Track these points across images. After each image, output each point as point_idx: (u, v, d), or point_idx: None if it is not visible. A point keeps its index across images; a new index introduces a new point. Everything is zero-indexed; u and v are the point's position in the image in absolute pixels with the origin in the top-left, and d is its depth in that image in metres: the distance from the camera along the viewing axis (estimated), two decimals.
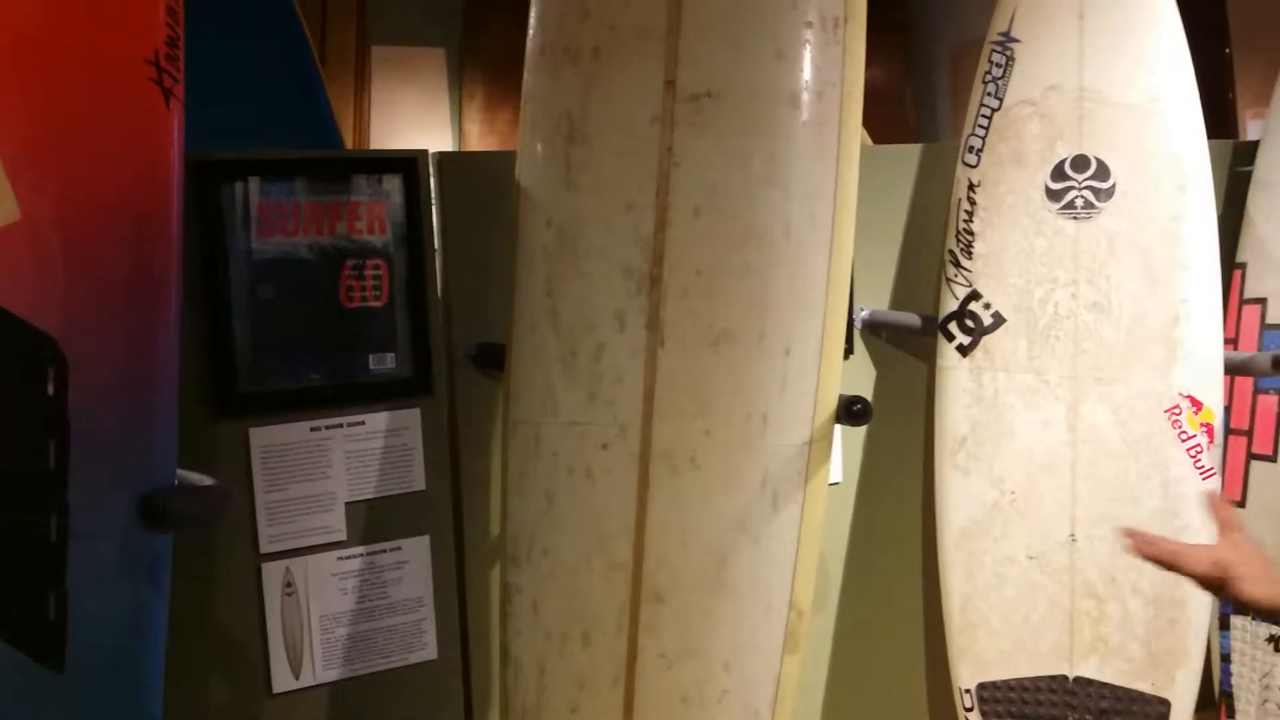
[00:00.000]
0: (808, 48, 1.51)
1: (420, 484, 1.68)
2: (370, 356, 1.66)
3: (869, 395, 2.12)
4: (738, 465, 1.53)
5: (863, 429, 2.12)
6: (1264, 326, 2.19)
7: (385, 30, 4.24)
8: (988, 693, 1.85)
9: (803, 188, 1.52)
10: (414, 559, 1.69)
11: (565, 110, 1.60)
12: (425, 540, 1.69)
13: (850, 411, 1.53)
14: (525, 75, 1.65)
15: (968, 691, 1.86)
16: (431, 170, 1.71)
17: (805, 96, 1.52)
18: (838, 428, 1.87)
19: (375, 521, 1.66)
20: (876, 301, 2.11)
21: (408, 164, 1.67)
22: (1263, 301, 2.20)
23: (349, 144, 4.04)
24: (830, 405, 1.54)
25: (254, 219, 1.57)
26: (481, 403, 1.75)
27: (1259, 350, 2.14)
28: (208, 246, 1.53)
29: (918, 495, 2.13)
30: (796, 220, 1.52)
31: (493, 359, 1.68)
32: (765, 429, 1.52)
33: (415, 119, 4.27)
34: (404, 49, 4.32)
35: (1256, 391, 2.20)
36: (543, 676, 1.58)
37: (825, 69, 1.52)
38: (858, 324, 2.07)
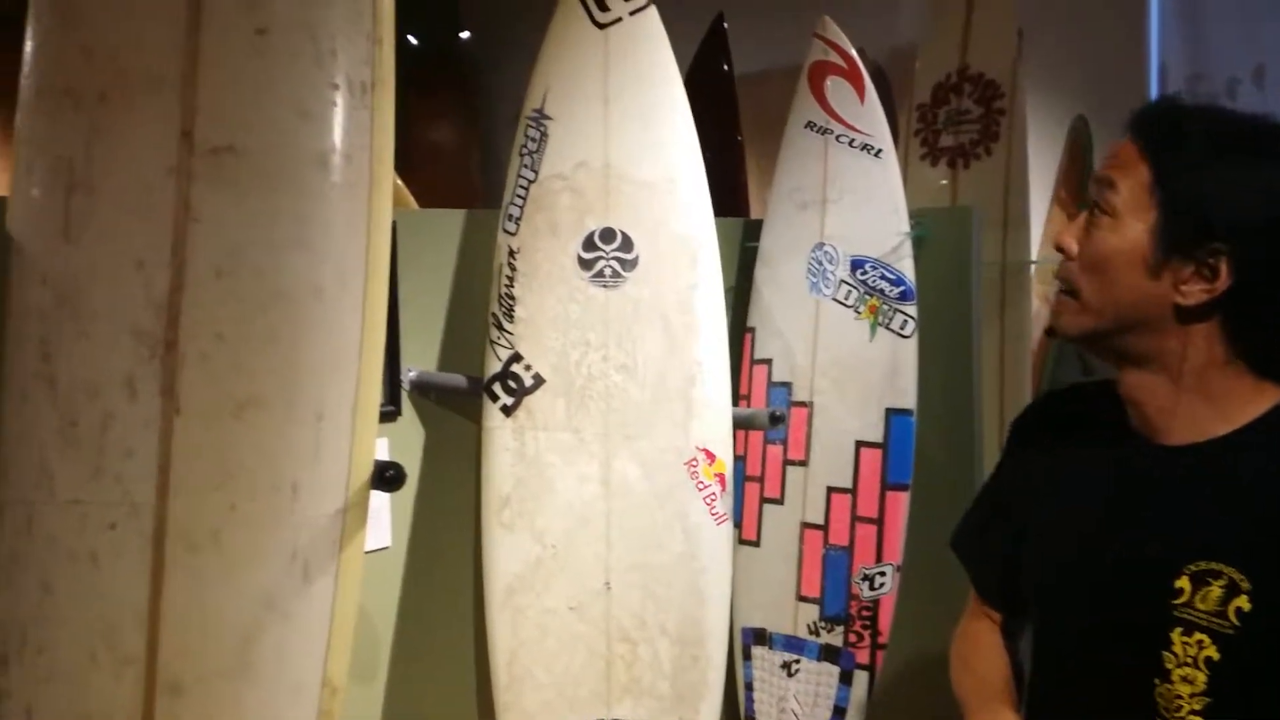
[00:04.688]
0: (335, 110, 1.50)
1: None
2: None
3: (418, 457, 2.11)
4: (265, 539, 1.45)
5: (413, 492, 2.11)
6: (770, 384, 2.48)
7: None
8: None
9: (332, 250, 1.49)
10: None
11: (66, 157, 1.45)
12: None
13: (384, 477, 1.52)
14: (18, 116, 1.48)
15: None
16: None
17: (334, 159, 1.49)
18: (383, 493, 1.86)
19: None
20: (425, 363, 2.12)
21: None
22: (769, 362, 2.49)
23: None
24: (365, 471, 1.51)
25: None
26: None
27: (765, 406, 2.41)
28: None
29: (469, 555, 2.15)
30: (327, 283, 1.49)
31: None
32: (295, 499, 1.46)
33: None
34: None
35: (766, 443, 2.47)
36: None
37: (354, 132, 1.50)
38: (405, 385, 2.07)
